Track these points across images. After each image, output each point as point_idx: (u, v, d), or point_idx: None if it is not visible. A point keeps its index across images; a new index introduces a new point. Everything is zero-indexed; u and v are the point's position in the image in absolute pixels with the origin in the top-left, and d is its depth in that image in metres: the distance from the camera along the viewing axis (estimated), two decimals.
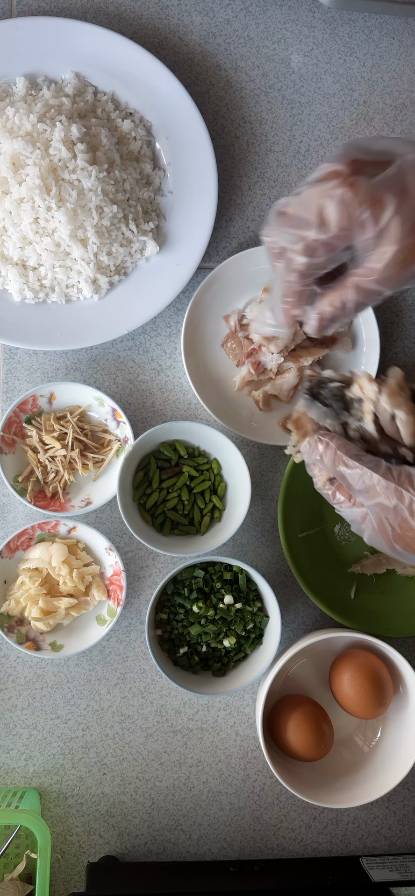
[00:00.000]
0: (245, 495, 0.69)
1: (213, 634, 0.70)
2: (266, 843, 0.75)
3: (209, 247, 0.74)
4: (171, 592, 0.71)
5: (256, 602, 0.71)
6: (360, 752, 0.73)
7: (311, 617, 0.76)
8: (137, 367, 0.75)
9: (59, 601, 0.70)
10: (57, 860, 0.72)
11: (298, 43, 0.76)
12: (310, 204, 0.45)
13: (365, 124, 0.77)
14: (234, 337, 0.73)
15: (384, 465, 0.48)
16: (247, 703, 0.75)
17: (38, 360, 0.74)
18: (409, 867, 0.71)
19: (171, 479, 0.72)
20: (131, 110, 0.72)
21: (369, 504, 0.48)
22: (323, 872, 0.70)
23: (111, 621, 0.70)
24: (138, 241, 0.71)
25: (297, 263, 0.47)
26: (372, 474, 0.47)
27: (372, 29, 0.77)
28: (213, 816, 0.74)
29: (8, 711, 0.73)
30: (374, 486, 0.47)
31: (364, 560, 0.75)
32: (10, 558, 0.71)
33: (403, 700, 0.71)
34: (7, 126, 0.67)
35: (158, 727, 0.74)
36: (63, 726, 0.73)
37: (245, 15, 0.76)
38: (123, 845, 0.73)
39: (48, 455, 0.71)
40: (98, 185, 0.67)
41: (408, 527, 0.47)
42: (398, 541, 0.48)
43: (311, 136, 0.77)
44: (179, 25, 0.75)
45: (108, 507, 0.73)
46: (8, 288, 0.70)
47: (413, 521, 0.46)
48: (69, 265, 0.69)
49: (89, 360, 0.74)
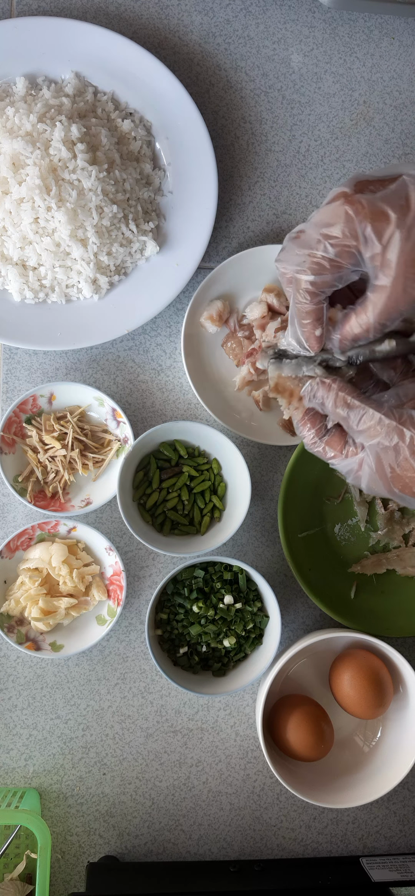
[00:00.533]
0: (245, 495, 0.69)
1: (213, 634, 0.70)
2: (266, 843, 0.75)
3: (209, 247, 0.74)
4: (171, 592, 0.71)
5: (256, 602, 0.71)
6: (360, 752, 0.73)
7: (311, 617, 0.76)
8: (137, 367, 0.75)
9: (59, 601, 0.70)
10: (57, 860, 0.72)
11: (298, 43, 0.76)
12: (317, 224, 0.46)
13: (365, 124, 0.77)
14: (234, 337, 0.73)
15: (386, 405, 0.48)
16: (247, 703, 0.75)
17: (38, 360, 0.74)
18: (409, 867, 0.71)
19: (171, 479, 0.72)
20: (131, 110, 0.72)
21: (370, 444, 0.48)
22: (323, 872, 0.70)
23: (111, 621, 0.70)
24: (138, 241, 0.71)
25: (304, 283, 0.48)
26: (374, 413, 0.48)
27: (372, 29, 0.77)
28: (213, 816, 0.74)
29: (8, 711, 0.73)
30: (374, 426, 0.48)
31: (364, 560, 0.75)
32: (10, 558, 0.71)
33: (403, 700, 0.71)
34: (7, 126, 0.67)
35: (158, 727, 0.74)
36: (63, 726, 0.73)
37: (245, 15, 0.76)
38: (123, 845, 0.73)
39: (48, 455, 0.71)
40: (98, 185, 0.67)
41: (408, 466, 0.47)
42: (397, 482, 0.48)
43: (311, 136, 0.77)
44: (179, 25, 0.75)
45: (108, 507, 0.73)
46: (8, 288, 0.70)
47: (413, 461, 0.46)
48: (69, 265, 0.69)
49: (89, 360, 0.74)
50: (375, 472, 0.49)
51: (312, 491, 0.73)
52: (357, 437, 0.50)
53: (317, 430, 0.53)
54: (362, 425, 0.48)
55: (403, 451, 0.47)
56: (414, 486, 0.47)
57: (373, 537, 0.75)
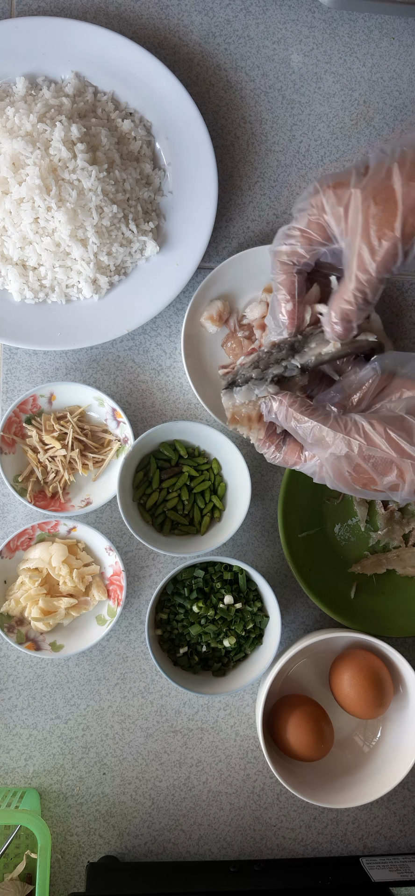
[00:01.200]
0: (245, 495, 0.69)
1: (213, 634, 0.70)
2: (266, 843, 0.75)
3: (209, 247, 0.74)
4: (171, 592, 0.71)
5: (256, 602, 0.71)
6: (360, 752, 0.73)
7: (311, 617, 0.76)
8: (137, 367, 0.75)
9: (59, 601, 0.70)
10: (57, 860, 0.72)
11: (298, 43, 0.76)
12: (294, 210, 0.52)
13: (365, 124, 0.77)
14: (234, 337, 0.73)
15: (332, 415, 0.50)
16: (247, 703, 0.75)
17: (38, 360, 0.74)
18: (409, 867, 0.71)
19: (171, 479, 0.72)
20: (131, 110, 0.72)
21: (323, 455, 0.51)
22: (323, 872, 0.70)
23: (111, 621, 0.70)
24: (138, 241, 0.71)
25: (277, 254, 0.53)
26: (321, 427, 0.50)
27: (372, 29, 0.77)
28: (213, 816, 0.74)
29: (8, 711, 0.73)
30: (324, 439, 0.50)
31: (364, 560, 0.75)
32: (10, 558, 0.71)
33: (403, 700, 0.71)
34: (7, 126, 0.67)
35: (158, 727, 0.74)
36: (63, 726, 0.73)
37: (245, 15, 0.76)
38: (123, 845, 0.73)
39: (48, 455, 0.71)
40: (98, 185, 0.67)
41: (362, 469, 0.49)
42: (357, 482, 0.50)
43: (311, 136, 0.77)
44: (179, 25, 0.75)
45: (108, 507, 0.73)
46: (8, 288, 0.70)
47: (366, 465, 0.49)
48: (69, 265, 0.69)
49: (89, 360, 0.74)
50: (334, 478, 0.51)
51: (312, 491, 0.73)
52: (310, 449, 0.52)
53: (276, 445, 0.56)
54: (312, 438, 0.51)
55: (354, 458, 0.49)
56: (373, 484, 0.50)
57: (373, 537, 0.75)
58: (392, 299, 0.77)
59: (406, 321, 0.77)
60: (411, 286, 0.77)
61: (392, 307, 0.77)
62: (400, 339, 0.77)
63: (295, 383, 0.56)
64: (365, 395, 0.52)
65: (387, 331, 0.76)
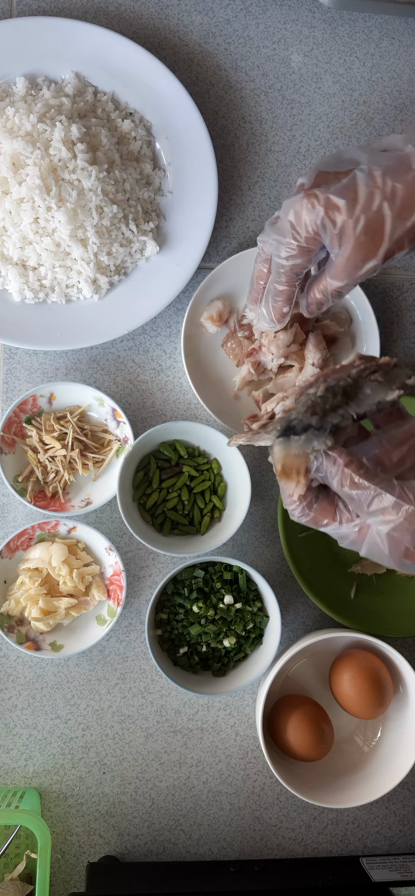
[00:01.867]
0: (245, 495, 0.69)
1: (213, 634, 0.70)
2: (266, 843, 0.75)
3: (209, 247, 0.74)
4: (171, 592, 0.71)
5: (256, 602, 0.71)
6: (360, 752, 0.73)
7: (311, 617, 0.76)
8: (137, 367, 0.75)
9: (59, 601, 0.70)
10: (57, 860, 0.72)
11: (298, 43, 0.76)
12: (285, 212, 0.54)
13: (365, 124, 0.77)
14: (234, 337, 0.73)
15: (397, 485, 0.46)
16: (247, 703, 0.75)
17: (38, 360, 0.74)
18: (409, 867, 0.71)
19: (171, 479, 0.72)
20: (131, 110, 0.72)
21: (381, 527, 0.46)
22: (323, 872, 0.70)
23: (111, 621, 0.70)
24: (138, 241, 0.71)
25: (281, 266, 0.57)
26: (387, 496, 0.46)
27: (372, 29, 0.77)
28: (213, 816, 0.74)
29: (8, 711, 0.73)
30: (388, 509, 0.46)
31: (364, 560, 0.75)
32: (10, 558, 0.71)
33: (403, 700, 0.71)
34: (7, 126, 0.67)
35: (158, 727, 0.74)
36: (63, 726, 0.73)
37: (245, 15, 0.76)
38: (123, 845, 0.73)
39: (48, 455, 0.71)
40: (98, 185, 0.67)
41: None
42: (410, 556, 0.46)
43: (311, 136, 0.77)
44: (179, 25, 0.75)
45: (108, 507, 0.73)
46: (8, 288, 0.70)
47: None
48: (69, 265, 0.69)
49: (89, 360, 0.74)
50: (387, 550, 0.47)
51: None
52: (368, 518, 0.47)
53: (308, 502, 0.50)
54: (374, 507, 0.46)
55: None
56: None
57: None
58: (392, 299, 0.77)
59: (406, 321, 0.77)
60: (411, 286, 0.77)
61: (392, 307, 0.77)
62: (400, 339, 0.77)
63: (346, 434, 0.49)
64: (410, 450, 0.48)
65: (387, 331, 0.76)
